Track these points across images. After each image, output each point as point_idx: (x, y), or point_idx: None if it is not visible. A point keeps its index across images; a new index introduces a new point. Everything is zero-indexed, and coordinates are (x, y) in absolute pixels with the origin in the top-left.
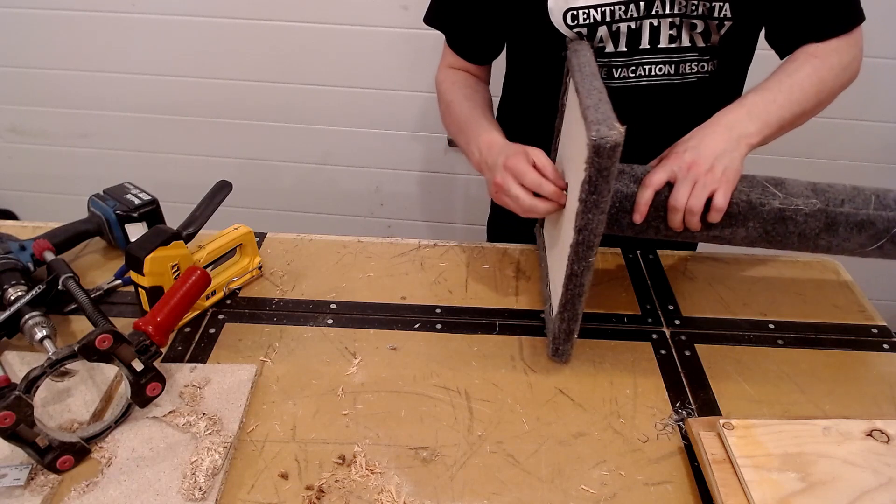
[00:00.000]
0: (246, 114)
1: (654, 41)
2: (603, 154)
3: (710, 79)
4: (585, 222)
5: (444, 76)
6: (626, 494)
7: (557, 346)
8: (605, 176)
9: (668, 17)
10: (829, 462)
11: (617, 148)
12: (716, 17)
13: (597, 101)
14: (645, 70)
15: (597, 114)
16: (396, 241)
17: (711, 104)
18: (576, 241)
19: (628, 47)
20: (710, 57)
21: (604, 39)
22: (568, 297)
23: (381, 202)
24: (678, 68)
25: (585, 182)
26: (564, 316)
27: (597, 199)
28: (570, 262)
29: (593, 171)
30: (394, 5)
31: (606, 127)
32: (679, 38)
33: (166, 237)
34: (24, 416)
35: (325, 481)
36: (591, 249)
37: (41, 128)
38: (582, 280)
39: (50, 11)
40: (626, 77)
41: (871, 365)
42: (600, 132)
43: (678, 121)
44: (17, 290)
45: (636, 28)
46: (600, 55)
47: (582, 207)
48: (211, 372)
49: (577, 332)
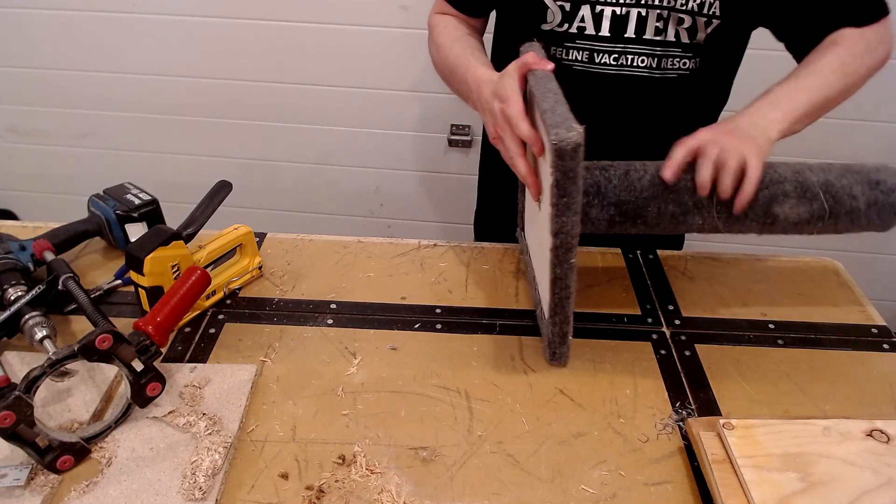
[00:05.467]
0: (246, 114)
1: (639, 31)
2: (566, 156)
3: (691, 76)
4: (560, 225)
5: (437, 20)
6: (626, 494)
7: (554, 351)
8: (571, 178)
9: (656, 9)
10: (829, 462)
11: (579, 148)
12: (704, 13)
13: (553, 103)
14: (627, 59)
15: (554, 116)
16: (396, 241)
17: (691, 102)
18: (555, 245)
19: (612, 33)
20: (693, 55)
21: (585, 20)
22: (556, 301)
23: (381, 202)
24: (660, 62)
25: (553, 186)
26: (556, 320)
27: (568, 202)
28: (553, 265)
29: (559, 174)
30: (393, 5)
31: (565, 129)
32: (665, 32)
33: (166, 237)
34: (24, 416)
35: (325, 481)
36: (571, 251)
37: (41, 128)
38: (567, 282)
39: (50, 11)
40: (607, 63)
41: (871, 365)
42: (559, 135)
43: (654, 115)
44: (17, 290)
45: (622, 14)
46: (581, 37)
47: (554, 211)
48: (211, 372)
49: (570, 334)
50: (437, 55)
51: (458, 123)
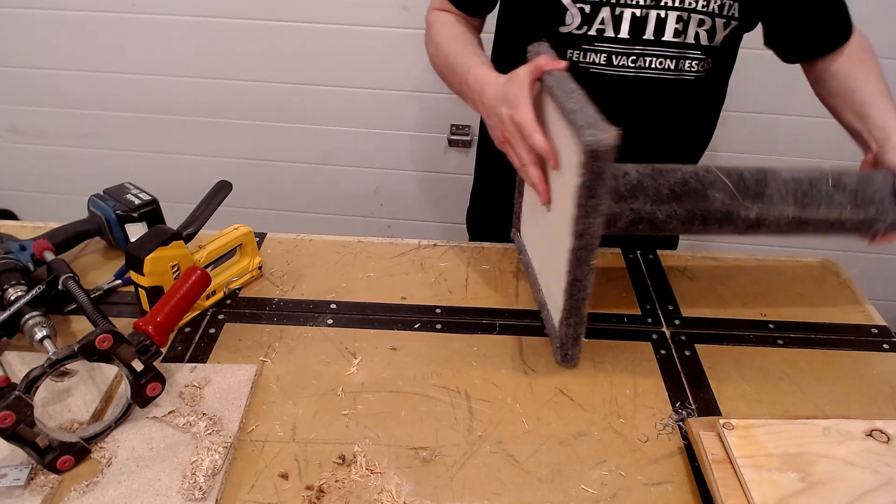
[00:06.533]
0: (246, 114)
1: (658, 33)
2: (600, 157)
3: (706, 77)
4: (585, 227)
5: (435, 17)
6: (626, 494)
7: (566, 352)
8: (602, 179)
9: (676, 10)
10: (829, 462)
11: (612, 150)
12: (724, 14)
13: (580, 104)
14: (645, 62)
15: (585, 118)
16: (396, 241)
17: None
18: (577, 247)
19: (631, 35)
20: (709, 56)
21: (605, 22)
22: (573, 303)
23: (381, 202)
24: (678, 64)
25: (583, 187)
26: (570, 322)
27: (595, 203)
28: (572, 267)
29: (590, 175)
30: (394, 5)
31: (599, 130)
32: (685, 34)
33: (166, 237)
34: (24, 416)
35: (325, 481)
36: (592, 252)
37: (41, 128)
38: (585, 284)
39: (50, 11)
40: (625, 66)
41: (871, 365)
42: (595, 136)
43: (668, 116)
44: (17, 290)
45: (641, 16)
46: (600, 39)
47: (581, 213)
48: (211, 372)
49: (583, 336)
50: (436, 53)
51: (458, 123)
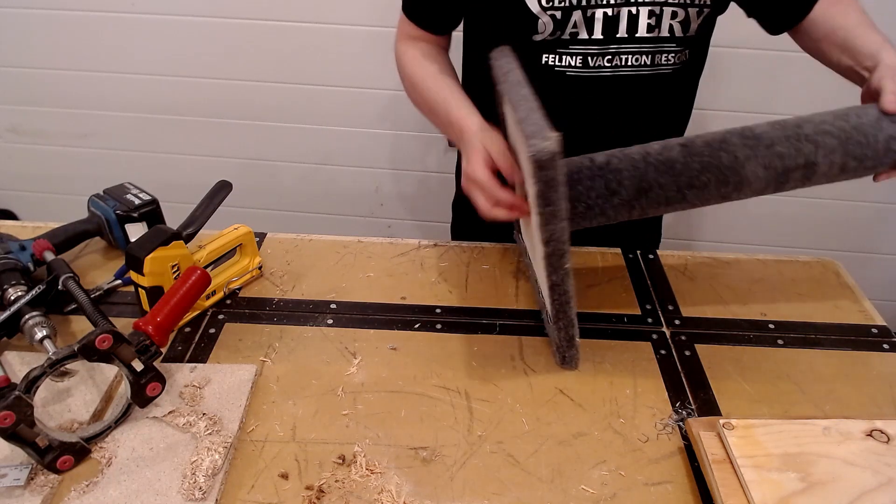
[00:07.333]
0: (246, 114)
1: (631, 30)
2: (545, 166)
3: (682, 69)
4: (549, 234)
5: (404, 49)
6: (626, 494)
7: (563, 355)
8: (553, 186)
9: (647, 6)
10: (829, 462)
11: (556, 156)
12: (696, 3)
13: (527, 111)
14: (622, 60)
15: (529, 126)
16: (396, 241)
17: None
18: (547, 253)
19: (605, 35)
20: (685, 47)
21: (577, 25)
22: (557, 307)
23: (381, 202)
24: (654, 59)
25: (538, 196)
26: (560, 325)
27: (553, 210)
28: (548, 272)
29: (541, 184)
30: (394, 5)
31: (541, 139)
32: (658, 28)
33: (166, 237)
34: (24, 416)
35: (325, 481)
36: (563, 257)
37: (41, 128)
38: (564, 288)
39: (50, 11)
40: (601, 66)
41: (871, 365)
42: (536, 146)
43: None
44: (17, 290)
45: (613, 15)
46: (574, 42)
47: (541, 220)
48: (211, 372)
49: (577, 337)
50: (413, 92)
51: None
